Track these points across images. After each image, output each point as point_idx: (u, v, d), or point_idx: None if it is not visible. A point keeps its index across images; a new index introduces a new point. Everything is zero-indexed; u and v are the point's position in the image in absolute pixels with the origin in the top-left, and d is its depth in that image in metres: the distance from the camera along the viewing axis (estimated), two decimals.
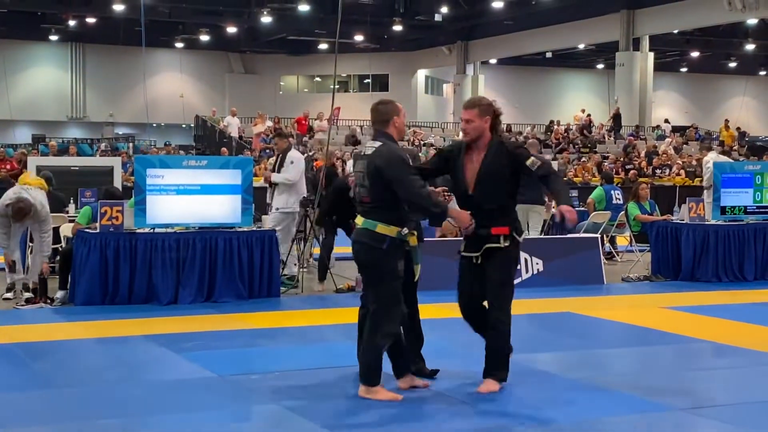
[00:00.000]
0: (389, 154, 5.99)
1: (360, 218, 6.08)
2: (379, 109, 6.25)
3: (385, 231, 5.96)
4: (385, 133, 6.16)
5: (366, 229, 6.01)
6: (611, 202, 14.81)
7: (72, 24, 40.11)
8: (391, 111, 6.22)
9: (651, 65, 38.16)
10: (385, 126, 6.19)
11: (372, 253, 5.98)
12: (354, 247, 6.14)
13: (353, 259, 6.24)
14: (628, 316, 9.85)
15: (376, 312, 6.01)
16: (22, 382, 6.66)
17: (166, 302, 9.89)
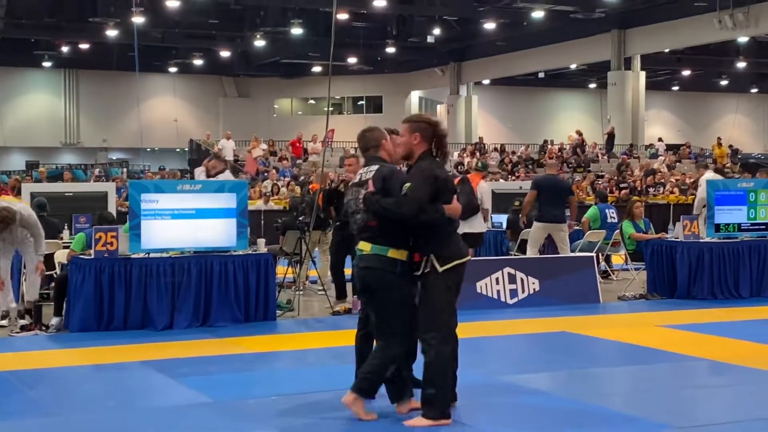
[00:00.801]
0: (391, 175, 6.01)
1: (366, 244, 6.02)
2: (366, 136, 6.34)
3: (397, 255, 5.95)
4: (377, 157, 6.22)
5: (377, 255, 5.95)
6: (606, 220, 14.85)
7: (65, 50, 40.20)
8: (379, 136, 6.31)
9: (643, 84, 38.32)
10: (376, 150, 6.26)
11: (385, 278, 5.94)
12: (361, 273, 6.04)
13: (359, 285, 6.15)
14: (624, 334, 9.84)
15: (386, 336, 6.00)
16: (18, 410, 6.63)
17: (162, 327, 9.86)
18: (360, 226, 6.12)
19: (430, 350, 5.89)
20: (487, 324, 10.28)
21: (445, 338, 5.92)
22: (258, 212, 18.40)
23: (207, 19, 36.27)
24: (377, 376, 6.05)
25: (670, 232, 13.22)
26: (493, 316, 10.78)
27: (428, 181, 5.87)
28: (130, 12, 29.41)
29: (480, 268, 11.59)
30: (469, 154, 34.72)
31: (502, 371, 7.80)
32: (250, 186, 22.32)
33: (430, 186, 5.86)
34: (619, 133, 36.95)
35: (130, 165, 40.51)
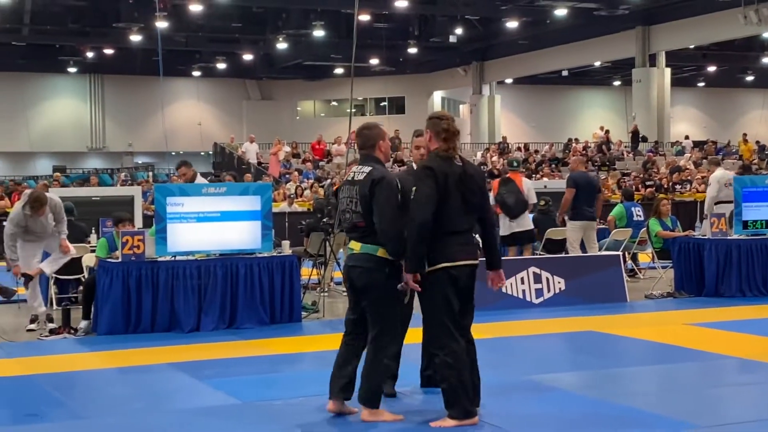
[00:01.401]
0: (381, 180, 5.97)
1: (356, 243, 6.04)
2: (364, 134, 6.25)
3: (386, 255, 5.95)
4: (373, 157, 6.17)
5: (366, 253, 5.98)
6: (632, 218, 14.77)
7: (90, 55, 40.50)
8: (377, 135, 6.23)
9: (668, 81, 38.07)
10: (372, 150, 6.20)
11: (374, 277, 5.96)
12: (351, 272, 6.06)
13: (349, 283, 6.14)
14: (651, 333, 9.78)
15: (380, 336, 6.01)
16: (47, 413, 6.68)
17: (189, 330, 9.91)
18: (349, 225, 6.10)
19: (440, 351, 5.88)
20: (512, 324, 10.25)
21: (451, 338, 5.87)
22: (282, 214, 18.44)
23: (230, 22, 36.44)
24: (379, 379, 6.07)
25: (697, 229, 13.16)
26: (518, 315, 10.75)
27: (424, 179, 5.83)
28: (153, 17, 29.59)
29: (505, 268, 11.40)
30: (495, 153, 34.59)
31: (528, 371, 7.77)
32: (274, 188, 22.38)
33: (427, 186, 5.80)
34: (644, 130, 36.74)
35: (155, 169, 40.72)
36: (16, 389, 7.53)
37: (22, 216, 9.87)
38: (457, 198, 5.90)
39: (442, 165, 5.90)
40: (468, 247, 6.02)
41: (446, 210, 5.86)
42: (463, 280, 5.94)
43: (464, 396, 5.86)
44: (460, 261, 5.91)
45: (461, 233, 5.97)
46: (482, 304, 10.25)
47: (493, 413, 6.19)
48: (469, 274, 5.98)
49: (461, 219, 5.96)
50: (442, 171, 5.87)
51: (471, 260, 5.99)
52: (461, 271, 5.91)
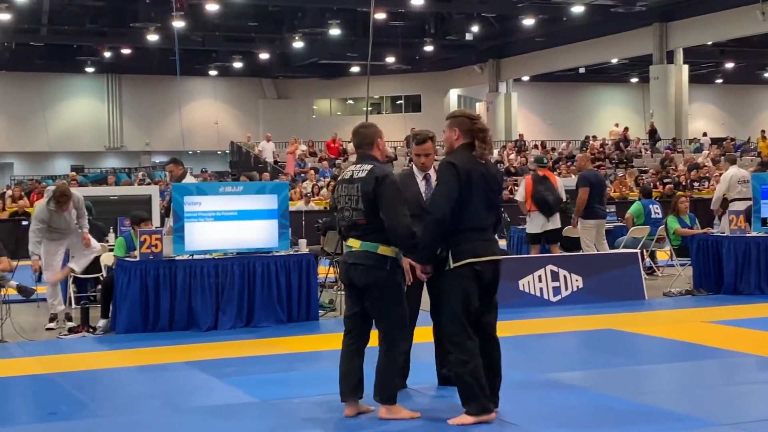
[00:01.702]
0: (384, 178, 5.98)
1: (355, 241, 6.04)
2: (361, 132, 6.27)
3: (387, 252, 5.98)
4: (371, 155, 6.18)
5: (367, 251, 5.99)
6: (650, 216, 14.70)
7: (107, 55, 40.67)
8: (374, 133, 6.24)
9: (686, 78, 37.90)
10: (370, 148, 6.21)
11: (376, 274, 5.97)
12: (352, 270, 6.05)
13: (347, 281, 6.14)
14: (670, 331, 9.74)
15: (390, 332, 6.03)
16: (67, 412, 6.71)
17: (206, 328, 9.94)
18: (348, 223, 6.08)
19: (455, 349, 5.88)
20: (530, 322, 10.23)
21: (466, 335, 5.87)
22: (299, 213, 18.45)
23: (246, 21, 36.52)
24: (394, 375, 6.10)
25: (715, 226, 13.08)
26: (536, 314, 10.72)
27: (447, 175, 5.86)
28: (170, 17, 29.69)
29: (522, 266, 11.55)
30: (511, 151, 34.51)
31: (546, 369, 7.75)
32: (291, 187, 22.41)
33: (449, 183, 5.83)
34: (662, 127, 36.58)
35: None
36: (36, 388, 7.57)
37: (47, 212, 9.97)
38: (480, 195, 5.92)
39: (465, 161, 5.92)
40: (491, 243, 6.07)
41: (470, 206, 5.88)
42: (487, 276, 5.95)
43: (480, 392, 5.85)
44: (486, 257, 5.92)
45: (484, 230, 5.99)
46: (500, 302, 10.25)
47: (511, 411, 6.17)
48: (493, 270, 6.00)
49: (485, 216, 5.98)
50: (465, 167, 5.87)
51: (493, 256, 6.01)
52: (486, 266, 5.93)
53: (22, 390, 7.50)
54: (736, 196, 14.88)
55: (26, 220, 16.36)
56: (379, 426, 6.00)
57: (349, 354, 6.16)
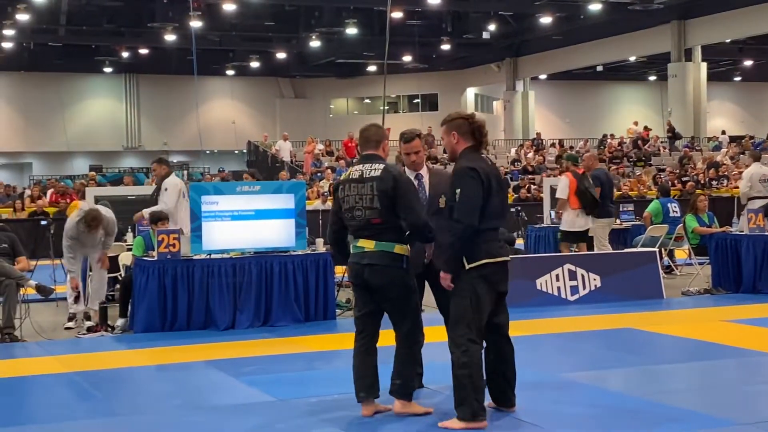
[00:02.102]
0: (401, 176, 6.02)
1: (368, 242, 6.01)
2: (371, 130, 6.29)
3: (402, 251, 6.01)
4: (378, 155, 6.18)
5: (382, 251, 5.97)
6: (668, 215, 14.64)
7: (125, 55, 40.84)
8: (382, 135, 6.29)
9: (704, 75, 37.72)
10: (377, 149, 6.21)
11: (394, 274, 5.98)
12: (367, 270, 6.00)
13: (361, 282, 6.10)
14: (688, 330, 9.69)
15: (413, 330, 6.08)
16: (86, 411, 6.75)
17: (224, 327, 9.97)
18: (360, 223, 6.03)
19: (456, 350, 5.83)
20: (548, 321, 10.21)
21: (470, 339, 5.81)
22: (316, 212, 18.45)
23: (263, 21, 36.59)
24: (413, 373, 6.17)
25: (734, 225, 13.01)
26: (553, 313, 10.70)
27: (470, 181, 5.78)
28: (187, 16, 29.79)
29: (540, 265, 11.52)
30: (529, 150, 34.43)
31: (564, 369, 7.74)
32: (308, 186, 22.42)
33: (474, 188, 5.77)
34: (680, 125, 36.42)
35: (190, 167, 40.98)
36: (55, 386, 7.61)
37: (77, 230, 10.05)
38: (495, 196, 5.90)
39: (482, 164, 5.90)
40: (501, 243, 6.04)
41: (488, 208, 5.85)
42: (500, 277, 5.96)
43: (473, 398, 5.77)
44: (499, 257, 5.93)
45: (496, 230, 5.97)
46: (517, 301, 10.25)
47: (529, 410, 6.16)
48: (506, 271, 6.03)
49: (498, 216, 5.98)
50: (484, 170, 5.86)
51: (506, 257, 6.04)
52: (499, 267, 5.94)
53: (41, 389, 7.54)
54: (756, 195, 14.79)
55: (45, 220, 16.42)
56: (394, 423, 6.00)
57: (363, 354, 6.16)
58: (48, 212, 20.46)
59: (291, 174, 29.34)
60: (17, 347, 9.28)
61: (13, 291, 9.58)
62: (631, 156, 33.29)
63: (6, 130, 43.12)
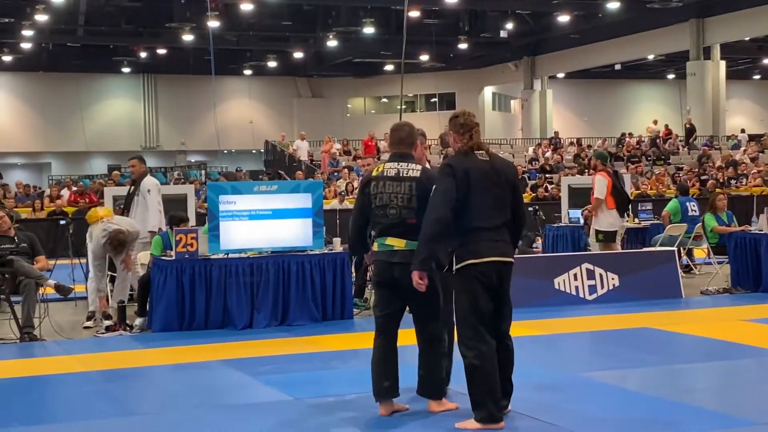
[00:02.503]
0: (434, 176, 5.99)
1: (399, 240, 5.98)
2: (405, 130, 6.26)
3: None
4: (412, 155, 6.19)
5: (413, 250, 5.85)
6: (687, 213, 14.57)
7: (143, 56, 40.99)
8: (417, 135, 6.28)
9: (723, 74, 37.50)
10: (411, 149, 6.23)
11: (442, 269, 5.93)
12: (398, 269, 5.95)
13: (390, 281, 6.03)
14: (708, 330, 9.64)
15: (441, 329, 6.08)
16: (105, 410, 6.77)
17: (242, 327, 9.98)
18: (393, 221, 6.00)
19: (468, 352, 5.76)
20: (566, 320, 10.18)
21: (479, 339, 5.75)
22: (333, 211, 18.48)
23: (280, 21, 36.64)
24: (443, 372, 6.17)
25: (753, 224, 12.90)
26: (571, 312, 10.67)
27: (442, 177, 5.76)
28: (205, 17, 29.87)
29: (558, 264, 11.49)
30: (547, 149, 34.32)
31: (582, 368, 7.71)
32: (325, 186, 22.44)
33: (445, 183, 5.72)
34: (699, 124, 36.23)
35: (208, 167, 41.10)
36: (74, 385, 7.64)
37: (104, 251, 10.13)
38: (484, 193, 5.77)
39: (463, 161, 5.82)
40: (499, 243, 5.84)
41: (470, 205, 5.74)
42: (492, 278, 5.78)
43: (490, 399, 5.73)
44: (487, 257, 5.76)
45: (491, 229, 5.81)
46: (535, 301, 10.23)
47: (547, 410, 6.15)
48: (498, 272, 5.81)
49: (491, 214, 5.80)
50: (463, 167, 5.77)
51: (499, 257, 5.82)
52: (488, 267, 5.77)
53: (60, 388, 7.58)
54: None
55: (63, 219, 16.49)
56: (412, 423, 5.99)
57: (386, 353, 6.13)
58: (67, 212, 20.55)
59: (308, 173, 29.37)
60: (36, 346, 9.33)
61: (32, 290, 9.64)
62: (650, 155, 33.14)
63: (25, 130, 43.38)
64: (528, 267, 11.24)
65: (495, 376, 5.77)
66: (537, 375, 7.06)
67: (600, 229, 12.34)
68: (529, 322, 9.80)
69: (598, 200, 12.21)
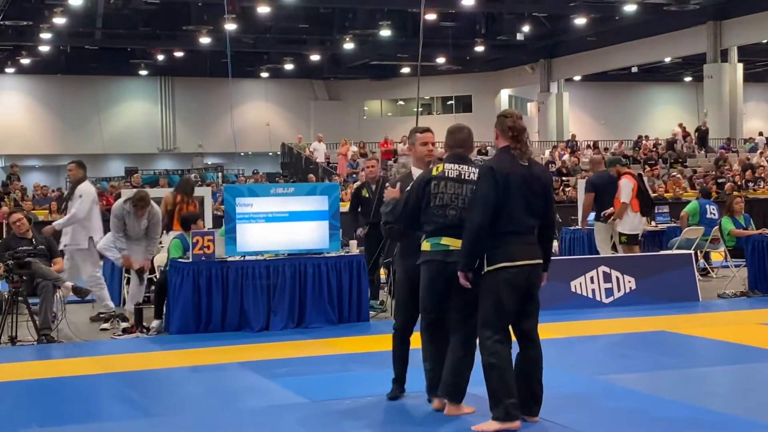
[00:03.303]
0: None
1: (455, 240, 6.02)
2: (465, 132, 6.35)
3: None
4: (469, 158, 6.29)
5: None
6: (705, 216, 14.51)
7: (160, 58, 41.13)
8: (472, 138, 6.39)
9: (740, 76, 37.31)
10: (469, 151, 6.35)
11: (476, 273, 5.95)
12: (453, 269, 5.98)
13: (446, 280, 6.07)
14: (725, 333, 9.60)
15: (470, 330, 6.03)
16: (122, 412, 6.80)
17: (258, 329, 10.00)
18: (450, 222, 6.06)
19: (484, 352, 5.84)
20: (582, 324, 10.16)
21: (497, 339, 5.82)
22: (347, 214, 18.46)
23: (297, 23, 36.70)
24: (467, 375, 6.16)
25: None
26: (588, 315, 10.64)
27: (483, 180, 5.86)
28: (222, 19, 29.92)
29: (574, 267, 11.46)
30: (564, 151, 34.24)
31: (599, 371, 7.69)
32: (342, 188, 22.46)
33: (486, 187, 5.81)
34: (716, 126, 36.06)
35: (225, 169, 41.21)
36: (91, 387, 7.68)
37: (122, 210, 10.17)
38: (519, 198, 5.82)
39: (504, 164, 5.86)
40: (529, 246, 5.91)
41: (507, 209, 5.79)
42: (521, 281, 5.85)
43: (506, 398, 5.75)
44: (521, 261, 5.82)
45: (523, 233, 5.88)
46: (552, 304, 10.20)
47: (564, 413, 6.13)
48: (527, 275, 5.87)
49: (524, 218, 5.86)
50: (503, 171, 5.81)
51: (530, 260, 5.89)
52: (520, 270, 5.83)
53: (77, 389, 7.61)
54: None
55: None
56: (430, 425, 5.99)
57: (438, 352, 6.20)
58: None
59: (325, 176, 29.40)
60: (54, 348, 9.38)
61: (49, 292, 9.69)
62: (666, 158, 33.00)
63: (43, 133, 43.63)
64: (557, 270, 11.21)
65: (511, 375, 5.80)
66: (554, 378, 7.03)
67: (627, 231, 12.31)
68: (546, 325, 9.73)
69: (624, 204, 12.18)
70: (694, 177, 28.35)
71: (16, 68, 42.17)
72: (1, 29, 34.68)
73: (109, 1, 32.84)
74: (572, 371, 7.48)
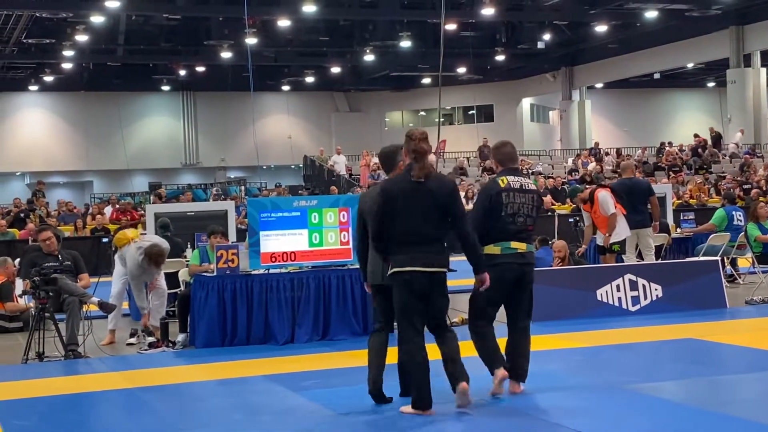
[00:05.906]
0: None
1: (522, 244, 6.96)
2: (510, 146, 7.27)
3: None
4: (521, 170, 7.31)
5: (531, 252, 7.08)
6: (732, 222, 14.40)
7: (182, 73, 41.41)
8: (515, 150, 7.33)
9: (764, 81, 37.08)
10: (517, 163, 7.28)
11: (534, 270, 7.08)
12: (526, 268, 6.98)
13: (517, 280, 6.92)
14: (753, 340, 9.50)
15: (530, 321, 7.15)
16: (148, 426, 6.81)
17: (283, 342, 10.01)
18: (518, 228, 6.95)
19: (402, 344, 6.78)
20: (609, 332, 10.08)
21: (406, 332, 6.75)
22: None
23: (317, 36, 36.84)
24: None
25: None
26: (614, 324, 10.56)
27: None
28: (243, 34, 30.12)
29: (600, 276, 11.39)
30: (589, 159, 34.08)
31: (627, 380, 7.62)
32: None
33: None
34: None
35: (247, 183, 41.34)
36: (118, 402, 7.71)
37: (139, 268, 10.14)
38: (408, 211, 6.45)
39: (395, 183, 6.65)
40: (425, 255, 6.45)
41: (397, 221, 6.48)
42: (418, 285, 6.48)
43: (419, 385, 6.51)
44: (409, 267, 6.44)
45: (419, 243, 6.45)
46: (577, 313, 10.17)
47: (590, 421, 6.09)
48: (427, 280, 6.47)
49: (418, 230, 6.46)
50: (390, 189, 6.59)
51: (424, 267, 6.46)
52: (413, 276, 6.45)
53: (104, 404, 7.64)
54: None
55: (106, 237, 16.68)
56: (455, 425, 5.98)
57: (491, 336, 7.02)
58: (109, 229, 20.76)
59: (348, 187, 29.42)
60: (81, 363, 9.42)
61: (76, 308, 9.74)
62: (691, 164, 32.82)
63: (67, 149, 43.98)
64: (570, 279, 11.17)
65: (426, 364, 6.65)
66: (580, 387, 7.01)
67: (617, 240, 12.37)
68: (571, 334, 9.73)
69: (613, 215, 12.25)
70: (720, 184, 28.15)
71: (39, 86, 42.57)
72: (24, 47, 35.05)
73: (130, 17, 33.14)
74: (598, 380, 7.43)
